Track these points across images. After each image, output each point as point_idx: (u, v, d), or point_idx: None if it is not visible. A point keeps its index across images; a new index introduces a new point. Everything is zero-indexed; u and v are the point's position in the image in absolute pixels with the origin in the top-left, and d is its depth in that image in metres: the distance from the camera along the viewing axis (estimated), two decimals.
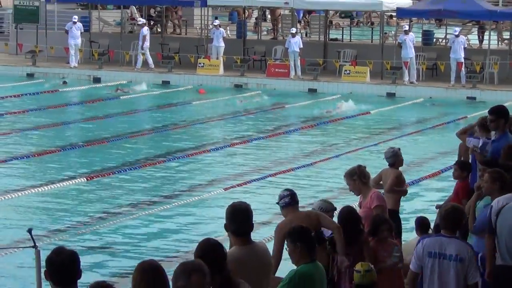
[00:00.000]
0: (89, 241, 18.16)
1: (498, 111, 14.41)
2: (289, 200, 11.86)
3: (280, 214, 11.69)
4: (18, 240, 17.35)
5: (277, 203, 11.86)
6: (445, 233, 10.15)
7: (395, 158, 14.93)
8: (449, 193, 15.51)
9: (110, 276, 14.77)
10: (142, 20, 45.24)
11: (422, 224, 13.83)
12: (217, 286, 7.86)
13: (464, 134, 16.37)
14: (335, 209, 12.35)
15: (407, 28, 40.92)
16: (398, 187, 14.88)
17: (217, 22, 44.38)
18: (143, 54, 42.59)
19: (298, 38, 41.10)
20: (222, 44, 42.55)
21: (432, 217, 14.87)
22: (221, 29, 43.38)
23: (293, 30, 41.34)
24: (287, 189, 12.33)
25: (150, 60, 42.26)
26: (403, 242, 14.45)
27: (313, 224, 11.35)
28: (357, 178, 13.04)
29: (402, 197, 15.12)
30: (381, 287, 11.33)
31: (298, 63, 40.53)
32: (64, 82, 40.01)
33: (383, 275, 11.33)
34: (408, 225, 16.49)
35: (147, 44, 42.50)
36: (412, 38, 40.14)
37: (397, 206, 14.84)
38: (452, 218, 10.17)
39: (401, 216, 14.97)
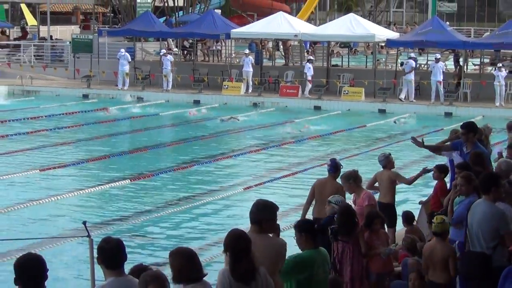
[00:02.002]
0: (132, 231, 18.16)
1: (468, 126, 14.71)
2: (329, 168, 14.24)
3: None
4: (74, 231, 17.43)
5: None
6: None
7: (386, 161, 14.99)
8: (430, 191, 15.50)
9: (150, 261, 14.72)
10: (163, 51, 45.30)
11: (407, 217, 13.97)
12: (243, 269, 7.85)
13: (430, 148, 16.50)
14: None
15: (439, 56, 41.09)
16: (400, 180, 15.23)
17: (247, 51, 44.61)
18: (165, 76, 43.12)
19: (308, 65, 41.59)
20: (251, 69, 42.60)
21: (416, 212, 14.99)
22: (250, 57, 43.46)
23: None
24: (332, 159, 14.59)
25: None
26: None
27: (339, 192, 13.15)
28: (352, 181, 13.17)
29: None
30: (374, 269, 11.31)
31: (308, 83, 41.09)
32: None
33: (376, 260, 11.31)
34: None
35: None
36: (442, 66, 40.30)
37: (394, 200, 14.85)
38: None
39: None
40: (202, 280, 7.35)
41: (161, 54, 44.24)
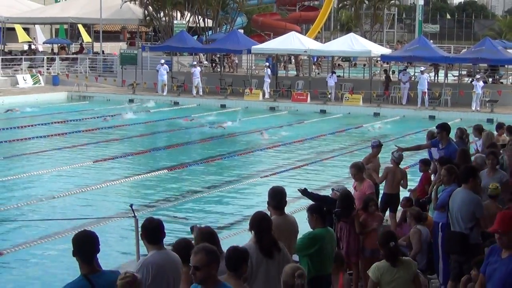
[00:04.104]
0: (171, 212, 18.19)
1: (442, 127, 14.88)
2: (372, 143, 15.24)
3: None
4: (122, 213, 17.47)
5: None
6: None
7: (400, 159, 14.81)
8: (417, 181, 15.46)
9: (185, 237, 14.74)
10: (194, 63, 45.56)
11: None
12: (266, 244, 7.84)
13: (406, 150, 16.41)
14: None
15: (423, 69, 41.24)
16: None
17: (267, 63, 44.72)
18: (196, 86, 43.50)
19: (335, 76, 42.64)
20: (269, 80, 42.71)
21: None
22: (269, 69, 43.50)
23: (194, 63, 46.09)
24: (375, 138, 14.26)
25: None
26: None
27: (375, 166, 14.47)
28: (362, 172, 13.06)
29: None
30: (369, 245, 11.25)
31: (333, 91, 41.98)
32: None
33: (370, 237, 11.27)
34: None
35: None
36: (427, 77, 40.86)
37: (399, 190, 14.72)
38: None
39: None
40: (222, 255, 7.32)
41: (266, 65, 44.99)
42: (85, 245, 6.45)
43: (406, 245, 12.04)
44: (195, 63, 45.63)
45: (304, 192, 11.91)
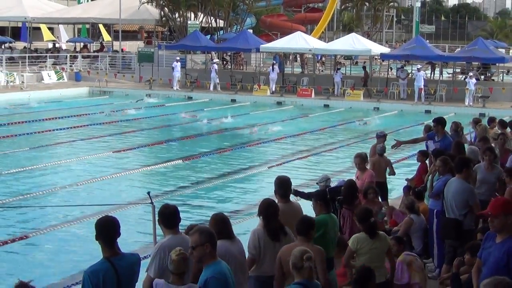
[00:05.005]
0: (185, 199, 18.20)
1: (438, 120, 14.90)
2: (377, 134, 15.36)
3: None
4: (140, 199, 17.50)
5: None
6: None
7: (383, 151, 14.85)
8: (415, 171, 15.45)
9: (198, 222, 14.75)
10: (215, 60, 45.53)
11: (408, 187, 13.97)
12: (273, 228, 7.86)
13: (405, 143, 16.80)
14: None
15: (419, 66, 41.16)
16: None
17: (274, 61, 44.73)
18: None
19: (340, 73, 42.77)
20: (275, 76, 42.64)
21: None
22: (276, 66, 43.46)
23: (214, 60, 46.24)
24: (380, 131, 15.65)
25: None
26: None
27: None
28: (364, 162, 13.09)
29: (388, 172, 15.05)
30: None
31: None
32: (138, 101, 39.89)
33: None
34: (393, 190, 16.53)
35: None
36: (423, 74, 40.67)
37: (385, 179, 14.70)
38: None
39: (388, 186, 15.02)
40: (233, 238, 7.37)
41: (211, 62, 44.65)
42: (107, 230, 6.46)
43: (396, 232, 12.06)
44: (215, 60, 45.64)
45: (295, 193, 11.85)
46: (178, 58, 45.63)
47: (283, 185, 8.80)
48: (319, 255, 7.53)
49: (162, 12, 53.00)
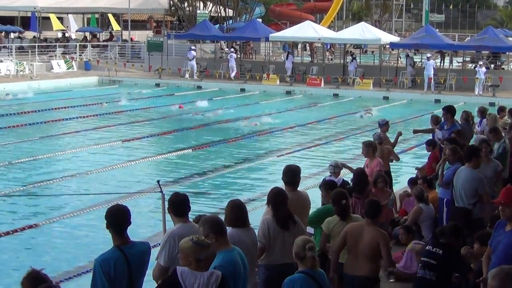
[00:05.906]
0: (195, 187, 18.25)
1: (447, 109, 15.00)
2: (380, 122, 15.37)
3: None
4: (150, 188, 17.55)
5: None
6: None
7: (381, 140, 14.74)
8: (422, 160, 15.45)
9: (207, 211, 14.79)
10: (232, 50, 45.43)
11: (412, 181, 13.90)
12: (282, 217, 7.88)
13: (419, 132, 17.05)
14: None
15: (429, 55, 40.96)
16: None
17: (288, 50, 44.70)
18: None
19: (355, 62, 42.84)
20: (290, 65, 42.82)
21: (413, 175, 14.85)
22: (291, 55, 43.41)
23: (232, 49, 41.75)
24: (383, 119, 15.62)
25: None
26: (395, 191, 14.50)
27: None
28: (372, 149, 13.08)
29: (395, 162, 15.03)
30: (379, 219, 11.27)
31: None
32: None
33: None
34: (401, 179, 16.50)
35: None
36: (433, 63, 40.52)
37: (388, 168, 14.66)
38: None
39: (394, 174, 14.97)
40: (247, 226, 7.40)
41: (230, 51, 45.02)
42: (118, 218, 6.49)
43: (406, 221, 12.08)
44: (233, 49, 45.58)
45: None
46: (193, 46, 45.59)
47: (290, 174, 8.79)
48: (384, 239, 7.98)
49: (171, 2, 53.02)
